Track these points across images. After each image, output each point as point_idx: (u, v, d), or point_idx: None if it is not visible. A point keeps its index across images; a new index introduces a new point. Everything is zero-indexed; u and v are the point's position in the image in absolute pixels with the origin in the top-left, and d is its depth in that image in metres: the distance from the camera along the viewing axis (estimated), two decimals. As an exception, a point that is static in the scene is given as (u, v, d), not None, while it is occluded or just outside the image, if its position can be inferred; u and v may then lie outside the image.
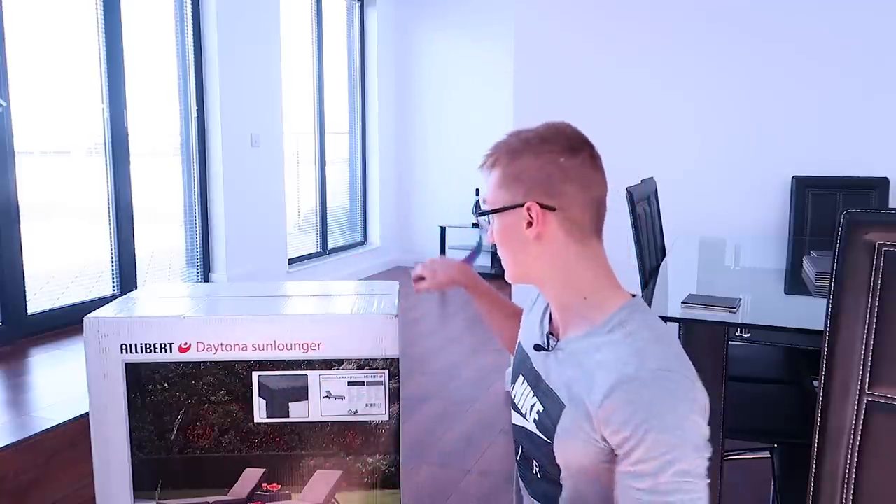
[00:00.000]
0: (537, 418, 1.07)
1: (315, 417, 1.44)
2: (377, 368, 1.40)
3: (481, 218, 1.09)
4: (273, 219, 4.90)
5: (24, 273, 3.23)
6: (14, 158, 3.15)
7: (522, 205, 1.01)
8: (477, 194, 5.98)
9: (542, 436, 1.04)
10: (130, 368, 1.43)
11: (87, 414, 1.45)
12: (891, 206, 2.85)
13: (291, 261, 5.20)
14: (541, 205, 1.00)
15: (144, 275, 3.95)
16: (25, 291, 3.25)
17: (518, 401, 1.15)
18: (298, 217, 5.54)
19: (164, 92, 4.17)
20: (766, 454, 2.20)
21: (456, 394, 3.40)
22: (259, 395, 1.43)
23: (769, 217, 3.10)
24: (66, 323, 3.32)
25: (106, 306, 1.52)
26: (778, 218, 3.09)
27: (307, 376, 1.42)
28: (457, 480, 2.50)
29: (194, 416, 1.44)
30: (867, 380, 1.05)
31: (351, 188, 6.28)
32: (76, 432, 2.14)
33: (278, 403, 1.44)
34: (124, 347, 1.42)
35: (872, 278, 1.02)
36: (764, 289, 2.14)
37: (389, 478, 1.46)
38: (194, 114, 4.28)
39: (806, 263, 2.12)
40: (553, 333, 1.11)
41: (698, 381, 0.92)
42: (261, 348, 1.42)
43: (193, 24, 4.23)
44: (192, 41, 4.23)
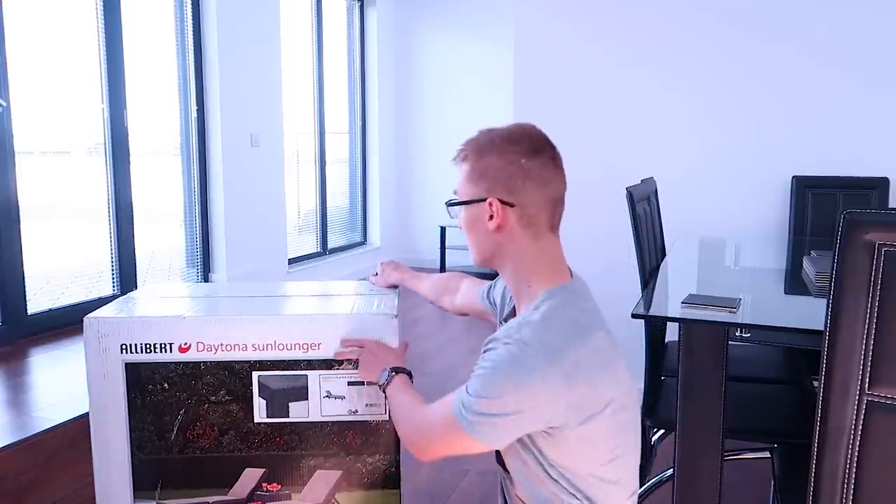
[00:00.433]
0: None
1: (315, 417, 1.43)
2: None
3: (450, 207, 1.24)
4: (273, 219, 4.90)
5: (24, 273, 3.23)
6: (14, 158, 3.15)
7: (485, 199, 1.14)
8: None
9: None
10: (130, 368, 1.43)
11: (87, 414, 1.45)
12: (891, 206, 2.85)
13: (291, 261, 5.20)
14: (501, 201, 1.12)
15: (144, 275, 3.95)
16: (25, 291, 3.25)
17: None
18: (298, 217, 5.54)
19: (164, 92, 4.17)
20: (766, 454, 2.20)
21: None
22: (259, 395, 1.43)
23: (769, 217, 3.10)
24: (66, 323, 3.32)
25: (106, 306, 1.52)
26: (778, 218, 3.09)
27: (307, 376, 1.42)
28: (457, 480, 2.50)
29: (194, 416, 1.44)
30: (867, 380, 1.05)
31: (351, 188, 6.27)
32: (76, 432, 2.14)
33: (278, 403, 1.43)
34: (124, 347, 1.42)
35: (872, 278, 1.02)
36: (764, 289, 2.14)
37: (390, 478, 1.46)
38: (194, 114, 4.28)
39: (806, 263, 2.12)
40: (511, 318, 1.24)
41: (554, 365, 1.01)
42: (261, 348, 1.41)
43: (193, 24, 4.23)
44: (192, 41, 4.23)
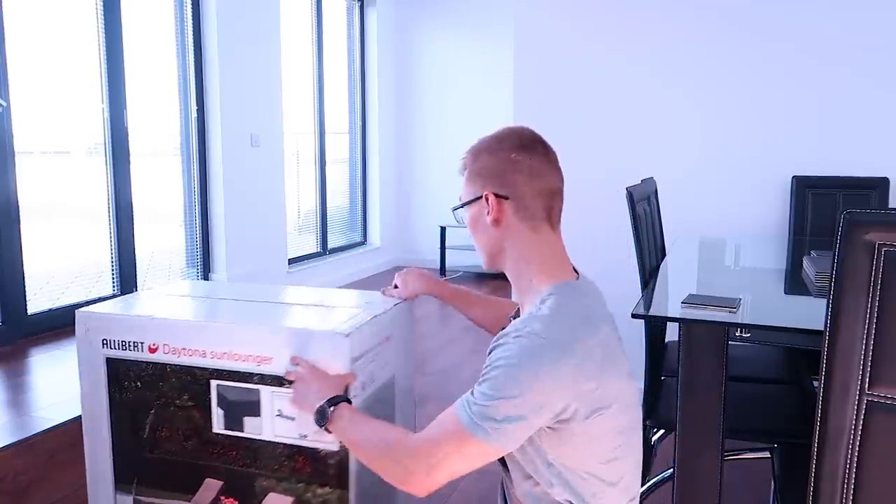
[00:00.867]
0: None
1: (268, 436, 1.34)
2: None
3: (455, 215, 1.24)
4: (273, 219, 4.90)
5: (24, 273, 3.23)
6: (14, 158, 3.15)
7: (482, 196, 1.16)
8: (477, 194, 5.98)
9: None
10: (111, 363, 1.44)
11: (84, 408, 1.47)
12: (891, 206, 2.85)
13: (291, 261, 5.20)
14: (496, 194, 1.14)
15: (144, 275, 3.95)
16: (25, 291, 3.25)
17: None
18: (298, 217, 5.54)
19: (164, 92, 4.17)
20: (766, 454, 2.20)
21: (456, 394, 3.38)
22: (217, 405, 1.37)
23: (769, 217, 3.10)
24: (66, 323, 3.31)
25: (107, 302, 1.55)
26: (778, 218, 3.09)
27: (260, 391, 1.33)
28: (456, 480, 2.50)
29: (162, 418, 1.42)
30: (867, 380, 1.05)
31: (351, 188, 6.27)
32: (76, 432, 2.13)
33: (234, 416, 1.36)
34: (105, 342, 1.44)
35: (872, 278, 1.02)
36: (764, 289, 2.14)
37: None
38: (194, 114, 4.28)
39: (806, 263, 2.12)
40: (516, 317, 1.23)
41: (566, 356, 1.01)
42: (218, 356, 1.35)
43: (193, 24, 4.23)
44: (192, 41, 4.23)
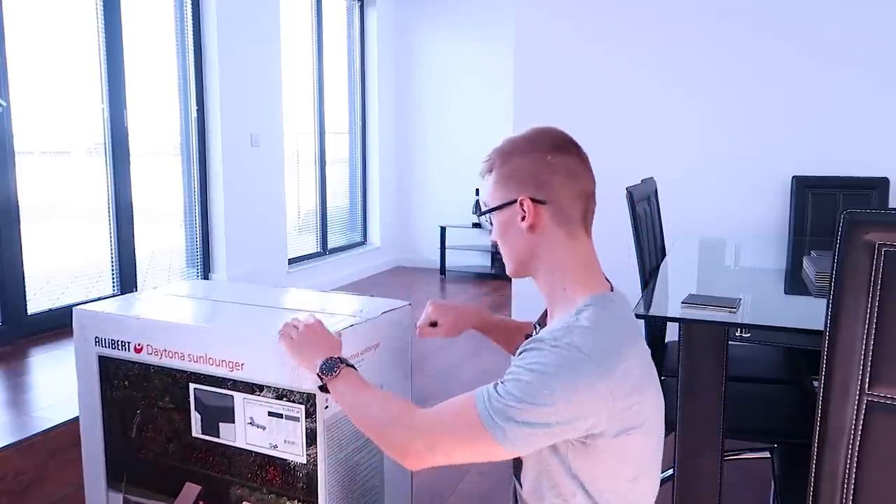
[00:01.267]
0: None
1: (241, 443, 1.31)
2: (294, 402, 1.24)
3: (482, 219, 1.17)
4: (273, 219, 4.90)
5: (24, 273, 3.23)
6: (14, 158, 3.15)
7: (515, 200, 1.09)
8: (477, 194, 5.98)
9: None
10: (102, 361, 1.45)
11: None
12: (891, 206, 2.85)
13: (291, 261, 5.20)
14: (532, 199, 1.08)
15: (144, 275, 3.95)
16: (25, 291, 3.25)
17: None
18: (298, 217, 5.54)
19: (164, 92, 4.17)
20: (766, 454, 2.20)
21: (455, 394, 3.39)
22: (195, 409, 1.35)
23: (769, 217, 3.10)
24: (66, 323, 3.28)
25: (105, 300, 1.55)
26: (778, 218, 3.09)
27: (233, 397, 1.30)
28: (456, 480, 2.50)
29: (147, 418, 1.41)
30: (867, 380, 1.05)
31: (351, 188, 6.27)
32: (76, 432, 2.12)
33: (210, 421, 1.34)
34: (97, 340, 1.45)
35: (872, 278, 1.02)
36: (764, 289, 2.14)
37: None
38: (194, 114, 4.28)
39: (806, 263, 2.12)
40: (542, 324, 1.18)
41: (607, 374, 0.97)
42: (195, 360, 1.33)
43: (193, 24, 4.23)
44: (192, 41, 4.23)
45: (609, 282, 1.14)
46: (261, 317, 1.44)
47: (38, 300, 3.34)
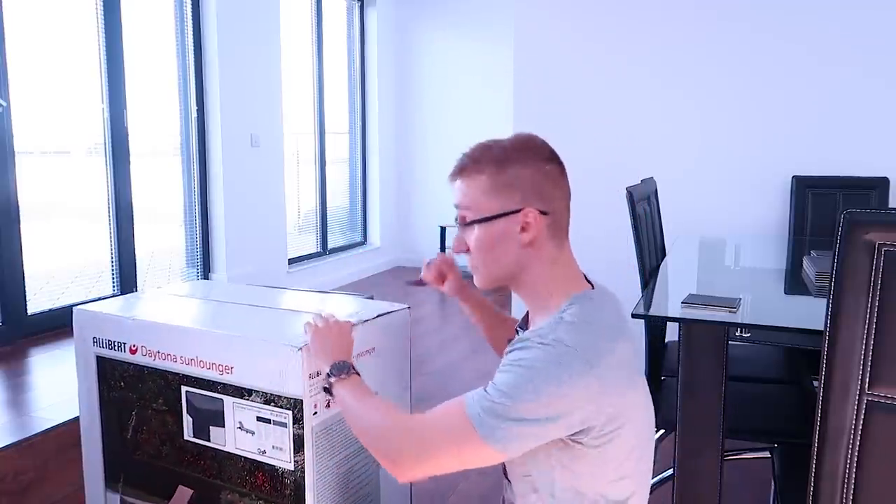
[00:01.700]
0: None
1: (231, 448, 1.30)
2: (282, 407, 1.23)
3: (466, 227, 1.13)
4: (273, 219, 4.90)
5: (24, 273, 3.23)
6: (14, 158, 3.15)
7: (518, 210, 1.07)
8: (477, 194, 5.98)
9: None
10: (100, 361, 1.46)
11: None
12: (891, 206, 2.85)
13: (291, 261, 5.20)
14: (539, 210, 1.07)
15: (144, 275, 3.95)
16: (25, 291, 3.25)
17: None
18: (298, 217, 5.54)
19: (164, 92, 4.17)
20: (766, 454, 2.20)
21: (456, 394, 3.39)
22: (187, 412, 1.34)
23: (769, 217, 3.10)
24: (66, 323, 3.27)
25: (105, 300, 1.55)
26: (778, 218, 3.09)
27: (223, 401, 1.29)
28: (457, 481, 2.50)
29: (142, 420, 1.41)
30: (867, 380, 1.05)
31: (351, 188, 6.27)
32: (76, 432, 2.13)
33: (201, 424, 1.33)
34: (95, 340, 1.46)
35: (872, 278, 1.02)
36: (764, 289, 2.14)
37: None
38: (194, 114, 4.28)
39: (806, 263, 2.12)
40: (523, 327, 1.20)
41: (599, 370, 0.98)
42: (186, 362, 1.32)
43: (193, 24, 4.23)
44: (192, 41, 4.23)
45: (590, 282, 1.14)
46: (254, 319, 1.44)
47: (38, 300, 3.34)
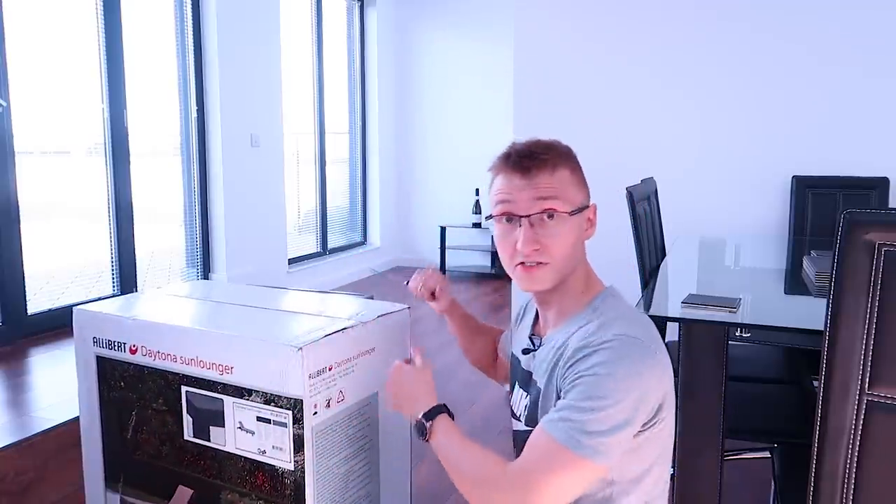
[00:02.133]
0: (526, 413, 1.13)
1: (231, 448, 1.29)
2: (281, 407, 1.22)
3: (552, 220, 1.07)
4: (273, 219, 4.90)
5: (24, 273, 3.23)
6: (14, 158, 3.15)
7: (588, 206, 1.14)
8: (477, 194, 5.98)
9: (531, 428, 1.06)
10: (100, 361, 1.45)
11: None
12: (891, 206, 2.85)
13: (291, 261, 5.20)
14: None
15: (144, 275, 3.95)
16: (25, 291, 3.25)
17: (515, 407, 1.20)
18: (298, 217, 5.54)
19: (164, 92, 4.17)
20: (766, 454, 2.20)
21: (455, 394, 3.40)
22: (187, 412, 1.34)
23: (769, 217, 3.10)
24: (66, 323, 3.27)
25: (105, 300, 1.55)
26: (778, 218, 3.09)
27: (223, 401, 1.29)
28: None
29: (142, 420, 1.40)
30: (867, 380, 1.05)
31: (351, 188, 6.27)
32: (76, 432, 2.13)
33: (201, 424, 1.33)
34: (95, 340, 1.45)
35: (872, 278, 1.02)
36: (764, 289, 2.14)
37: None
38: (194, 114, 4.28)
39: (806, 263, 2.12)
40: (536, 335, 1.20)
41: (660, 354, 1.02)
42: (186, 362, 1.32)
43: (193, 24, 4.23)
44: (192, 41, 4.23)
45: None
46: (254, 319, 1.43)
47: (38, 300, 3.34)
